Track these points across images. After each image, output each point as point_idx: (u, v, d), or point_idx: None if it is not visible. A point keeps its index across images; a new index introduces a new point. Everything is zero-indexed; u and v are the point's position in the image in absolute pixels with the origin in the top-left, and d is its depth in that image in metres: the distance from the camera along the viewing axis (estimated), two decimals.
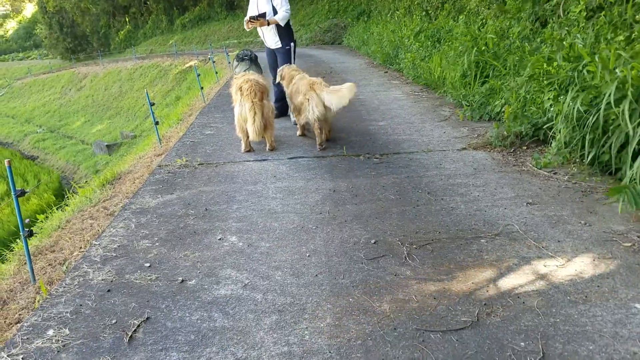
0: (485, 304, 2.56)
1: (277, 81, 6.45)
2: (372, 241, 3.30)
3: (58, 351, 2.35)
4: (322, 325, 2.46)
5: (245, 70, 5.81)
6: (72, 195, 5.44)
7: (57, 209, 5.35)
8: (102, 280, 2.98)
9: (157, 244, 3.43)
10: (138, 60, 29.72)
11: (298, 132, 6.08)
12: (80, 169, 19.29)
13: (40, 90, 35.03)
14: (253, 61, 6.04)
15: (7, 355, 2.33)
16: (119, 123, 23.51)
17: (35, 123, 28.63)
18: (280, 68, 6.31)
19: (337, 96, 5.04)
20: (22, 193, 3.07)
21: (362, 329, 2.42)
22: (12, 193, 3.04)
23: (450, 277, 2.83)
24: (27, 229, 3.13)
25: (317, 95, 5.22)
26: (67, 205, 5.29)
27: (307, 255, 3.16)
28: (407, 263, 3.00)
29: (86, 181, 6.20)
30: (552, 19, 5.77)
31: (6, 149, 24.70)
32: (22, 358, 2.31)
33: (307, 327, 2.45)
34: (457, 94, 7.25)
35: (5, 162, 3.05)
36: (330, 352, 2.27)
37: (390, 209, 3.82)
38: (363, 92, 8.82)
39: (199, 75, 9.75)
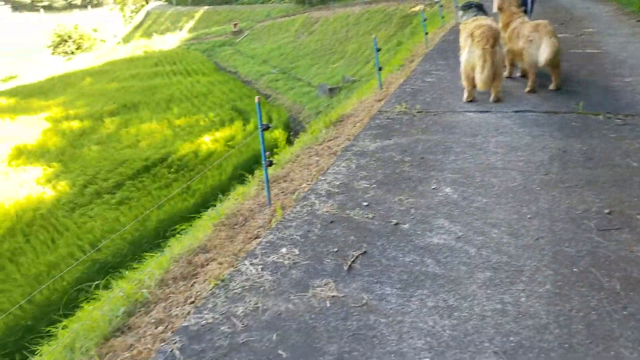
0: None
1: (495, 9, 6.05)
2: (606, 211, 2.97)
3: (289, 267, 2.69)
4: (540, 290, 2.34)
5: (474, 16, 5.50)
6: (302, 133, 5.99)
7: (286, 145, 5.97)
8: (326, 212, 3.27)
9: (374, 185, 3.61)
10: (365, 5, 30.37)
11: (506, 73, 5.83)
12: (305, 109, 20.97)
13: (277, 33, 38.34)
14: (479, 8, 5.70)
15: (250, 264, 2.76)
16: (342, 67, 24.69)
17: (270, 64, 31.68)
18: None
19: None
20: (267, 127, 3.49)
21: (586, 301, 2.24)
22: (259, 127, 3.48)
23: None
24: (268, 160, 3.57)
25: (540, 38, 5.06)
26: (295, 141, 5.86)
27: (528, 216, 2.99)
28: None
29: (311, 123, 6.74)
30: None
31: (246, 87, 28.05)
32: (261, 268, 2.71)
33: (523, 290, 2.36)
34: None
35: (256, 99, 3.49)
36: (547, 318, 2.17)
37: (631, 177, 3.36)
38: (608, 43, 7.68)
39: (425, 19, 9.60)
